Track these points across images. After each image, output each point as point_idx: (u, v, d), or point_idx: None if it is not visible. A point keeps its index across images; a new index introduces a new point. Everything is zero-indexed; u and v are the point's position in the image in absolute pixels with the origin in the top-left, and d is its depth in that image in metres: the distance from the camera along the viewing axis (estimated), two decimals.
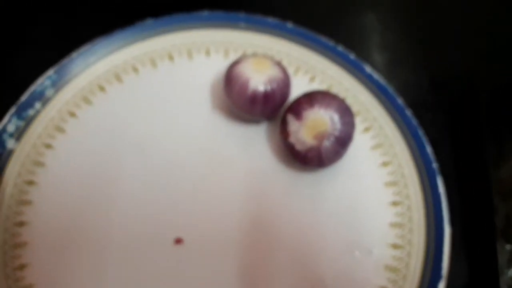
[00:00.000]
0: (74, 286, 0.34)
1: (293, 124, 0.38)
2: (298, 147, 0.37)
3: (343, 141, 0.37)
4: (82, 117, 0.42)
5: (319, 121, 0.37)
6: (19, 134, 0.40)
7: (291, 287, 0.35)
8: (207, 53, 0.46)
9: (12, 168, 0.38)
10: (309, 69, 0.45)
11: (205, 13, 0.47)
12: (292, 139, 0.38)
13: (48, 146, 0.40)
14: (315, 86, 0.44)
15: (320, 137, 0.37)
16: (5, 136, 0.39)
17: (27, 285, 0.34)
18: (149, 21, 0.46)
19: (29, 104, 0.41)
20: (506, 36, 0.53)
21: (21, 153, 0.39)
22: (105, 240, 0.36)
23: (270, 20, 0.47)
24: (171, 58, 0.45)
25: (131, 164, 0.40)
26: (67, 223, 0.37)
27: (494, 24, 0.54)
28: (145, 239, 0.36)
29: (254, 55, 0.41)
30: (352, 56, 0.45)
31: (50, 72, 0.42)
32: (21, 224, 0.36)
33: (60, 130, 0.41)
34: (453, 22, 0.54)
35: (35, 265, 0.35)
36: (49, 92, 0.42)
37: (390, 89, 0.43)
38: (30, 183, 0.38)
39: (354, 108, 0.42)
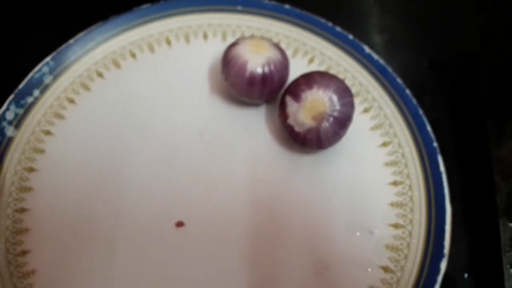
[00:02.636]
0: (77, 271, 0.34)
1: (291, 106, 0.37)
2: (297, 128, 0.37)
3: (342, 122, 0.37)
4: (81, 104, 0.42)
5: (318, 102, 0.36)
6: (18, 122, 0.40)
7: (292, 269, 0.35)
8: (205, 36, 0.46)
9: (12, 155, 0.38)
10: (307, 50, 0.45)
11: None
12: (291, 120, 0.38)
13: (48, 133, 0.40)
14: (314, 67, 0.44)
15: (319, 118, 0.36)
16: (4, 123, 0.39)
17: (29, 271, 0.34)
18: (146, 6, 0.46)
19: (27, 91, 0.41)
20: (506, 16, 0.52)
21: (21, 140, 0.39)
22: (107, 225, 0.36)
23: (267, 2, 0.46)
24: (168, 42, 0.45)
25: (131, 149, 0.40)
26: (68, 209, 0.37)
27: (494, 3, 0.53)
28: (146, 223, 0.37)
29: (252, 36, 0.40)
30: (351, 37, 0.44)
31: (48, 59, 0.42)
32: (22, 210, 0.36)
33: (60, 116, 0.41)
34: (453, 2, 0.53)
35: (37, 251, 0.35)
36: (47, 79, 0.42)
37: (390, 69, 0.42)
38: (31, 170, 0.38)
39: (353, 89, 0.42)
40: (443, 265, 0.34)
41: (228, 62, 0.39)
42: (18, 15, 0.50)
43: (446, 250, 0.34)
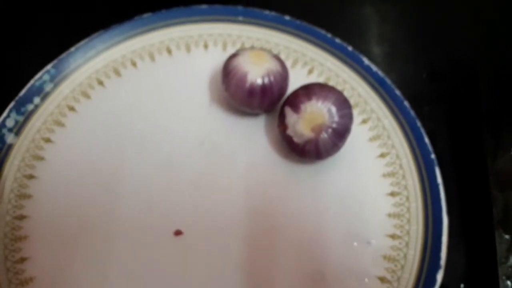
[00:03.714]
0: (75, 279, 0.35)
1: (291, 117, 0.38)
2: (296, 139, 0.38)
3: (340, 133, 0.37)
4: (81, 112, 0.42)
5: (317, 114, 0.37)
6: (18, 129, 0.40)
7: (289, 278, 0.35)
8: (205, 46, 0.46)
9: (12, 163, 0.38)
10: (307, 61, 0.45)
11: (203, 6, 0.47)
12: (290, 131, 0.38)
13: (48, 140, 0.40)
14: (313, 78, 0.44)
15: (318, 129, 0.37)
16: (4, 130, 0.39)
17: (27, 278, 0.34)
18: (147, 15, 0.46)
19: (27, 99, 0.41)
20: (504, 27, 0.53)
21: (21, 147, 0.39)
22: (105, 233, 0.36)
23: (268, 13, 0.47)
24: (169, 52, 0.46)
25: (130, 157, 0.40)
26: (67, 216, 0.37)
27: (493, 14, 0.54)
28: (145, 231, 0.37)
29: (252, 48, 0.41)
30: (350, 48, 0.45)
31: (49, 66, 0.42)
32: (22, 217, 0.37)
33: (60, 124, 0.41)
34: (451, 13, 0.54)
35: (35, 258, 0.35)
36: (48, 87, 0.42)
37: (388, 81, 0.43)
38: (30, 177, 0.38)
39: (352, 100, 0.43)
40: (440, 276, 0.34)
41: (228, 73, 0.39)
42: (18, 24, 0.50)
43: (443, 261, 0.35)
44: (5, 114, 0.40)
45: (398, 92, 0.42)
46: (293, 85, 0.40)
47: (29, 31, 0.50)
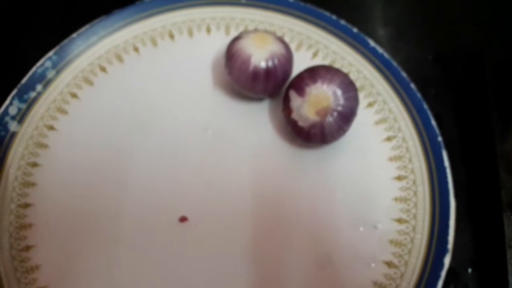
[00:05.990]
0: (81, 266, 0.35)
1: (295, 100, 0.37)
2: (301, 123, 0.37)
3: (346, 117, 0.37)
4: (84, 98, 0.42)
5: (322, 97, 0.36)
6: (21, 117, 0.40)
7: (296, 263, 0.35)
8: (208, 30, 0.45)
9: (16, 150, 0.38)
10: (311, 44, 0.44)
11: None
12: (295, 115, 0.37)
13: (51, 127, 0.40)
14: (318, 61, 0.44)
15: (323, 113, 0.36)
16: (7, 118, 0.39)
17: (33, 266, 0.34)
18: (149, 0, 0.46)
19: (30, 86, 0.41)
20: (511, 9, 0.52)
21: (24, 135, 0.39)
22: (110, 219, 0.36)
23: None
24: (171, 36, 0.45)
25: (134, 143, 0.40)
26: (71, 204, 0.37)
27: None
28: (149, 218, 0.37)
29: (256, 30, 0.40)
30: (355, 30, 0.44)
31: (51, 53, 0.42)
32: (26, 205, 0.37)
33: (62, 111, 0.41)
34: None
35: (41, 246, 0.35)
36: (50, 74, 0.42)
37: (394, 63, 0.42)
38: (34, 165, 0.38)
39: (358, 83, 0.42)
40: (447, 260, 0.34)
41: (231, 57, 0.39)
42: (19, 11, 0.50)
43: (450, 245, 0.34)
44: (7, 101, 0.39)
45: (404, 74, 0.42)
46: (297, 68, 0.39)
47: (30, 18, 0.50)
